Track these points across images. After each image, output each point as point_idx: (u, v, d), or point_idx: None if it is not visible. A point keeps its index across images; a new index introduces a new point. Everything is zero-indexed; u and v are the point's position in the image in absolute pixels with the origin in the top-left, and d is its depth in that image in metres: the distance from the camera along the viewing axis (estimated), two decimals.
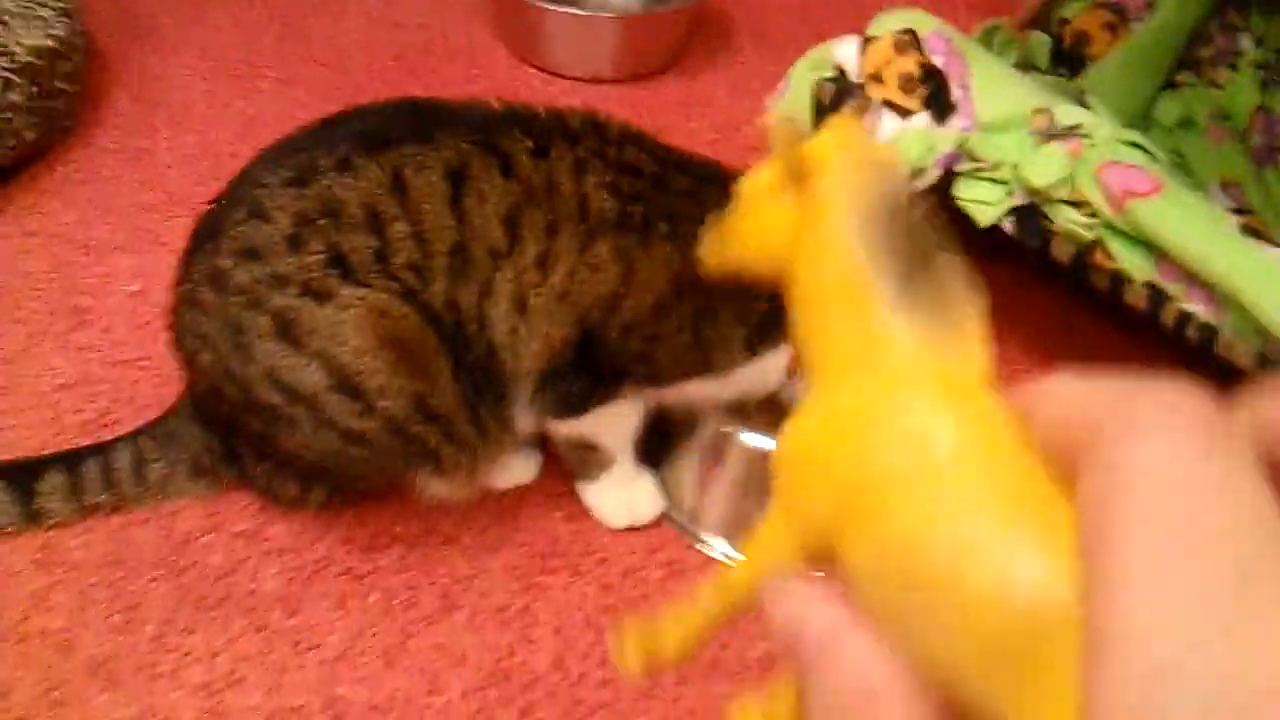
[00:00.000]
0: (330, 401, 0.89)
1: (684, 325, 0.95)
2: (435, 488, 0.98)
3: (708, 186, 0.97)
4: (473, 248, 0.90)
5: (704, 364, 0.96)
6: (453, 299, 0.90)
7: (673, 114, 1.58)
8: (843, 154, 0.37)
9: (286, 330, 0.88)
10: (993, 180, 1.12)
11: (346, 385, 0.88)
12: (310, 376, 0.88)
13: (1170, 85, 1.35)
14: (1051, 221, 1.09)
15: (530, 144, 0.93)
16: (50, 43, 1.37)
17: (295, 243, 0.89)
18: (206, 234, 0.93)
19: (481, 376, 0.93)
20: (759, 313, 0.97)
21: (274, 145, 0.95)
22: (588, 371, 0.95)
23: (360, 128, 0.94)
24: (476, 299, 0.90)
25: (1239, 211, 1.23)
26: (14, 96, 1.31)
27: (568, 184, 0.92)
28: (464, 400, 0.92)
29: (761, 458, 1.01)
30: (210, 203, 0.95)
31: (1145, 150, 1.10)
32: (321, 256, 0.88)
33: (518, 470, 1.06)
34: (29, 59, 1.34)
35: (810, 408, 0.34)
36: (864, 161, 0.37)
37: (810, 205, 0.38)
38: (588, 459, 1.02)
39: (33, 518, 0.98)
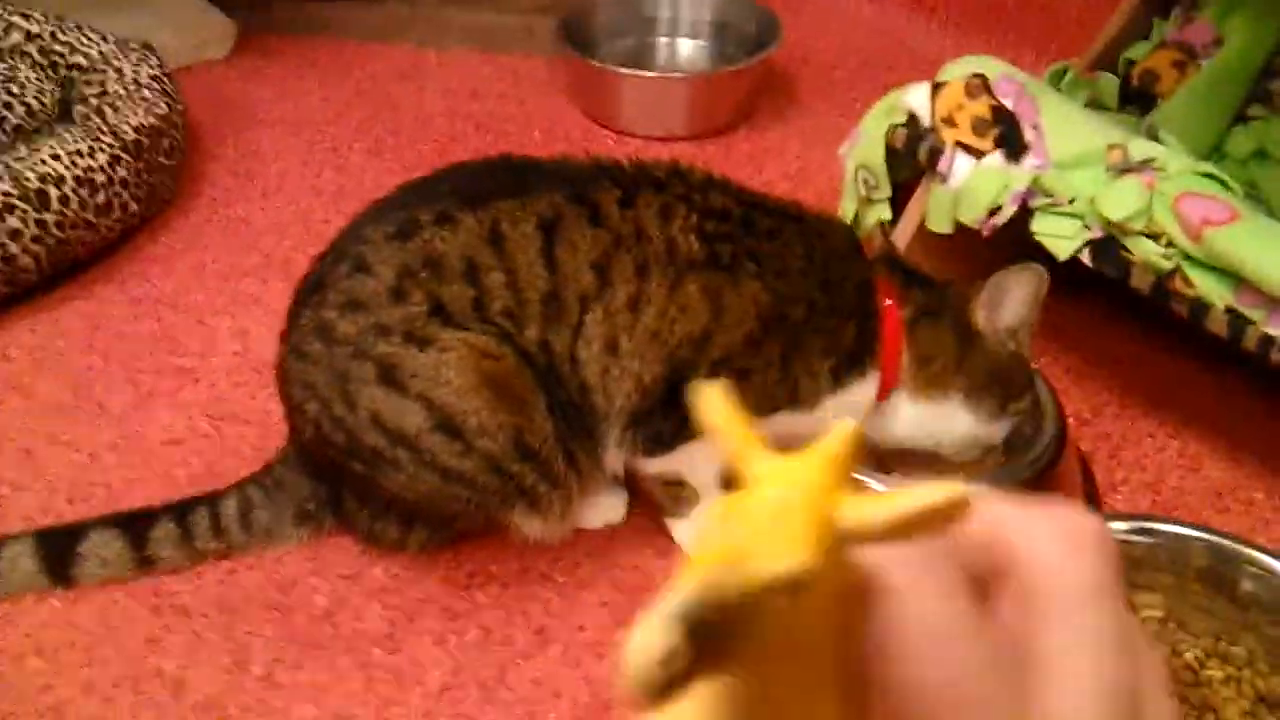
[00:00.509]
0: (432, 442, 0.92)
1: (772, 360, 0.97)
2: (530, 526, 1.01)
3: (791, 225, 1.00)
4: (564, 294, 0.93)
5: (792, 396, 0.98)
6: (546, 341, 0.93)
7: (745, 167, 1.62)
8: None
9: (390, 375, 0.92)
10: (1069, 215, 1.14)
11: (447, 425, 0.92)
12: (413, 419, 0.92)
13: (1241, 119, 1.36)
14: (1130, 252, 1.10)
15: (619, 193, 0.96)
16: (153, 120, 1.45)
17: (397, 294, 0.93)
18: (312, 288, 0.97)
19: (574, 415, 0.96)
20: (845, 344, 0.99)
21: (376, 202, 1.00)
22: (677, 410, 0.97)
23: (458, 184, 0.98)
24: (569, 342, 0.94)
25: None
26: (122, 173, 1.39)
27: (655, 229, 0.95)
28: (558, 438, 0.95)
29: None
30: (315, 259, 0.99)
31: (1220, 181, 1.11)
32: (423, 307, 0.92)
33: (608, 509, 1.08)
34: (135, 137, 1.41)
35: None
36: None
37: None
38: (676, 496, 1.04)
39: (145, 564, 1.02)
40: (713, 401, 0.33)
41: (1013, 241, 1.16)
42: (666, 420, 0.97)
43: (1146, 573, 0.90)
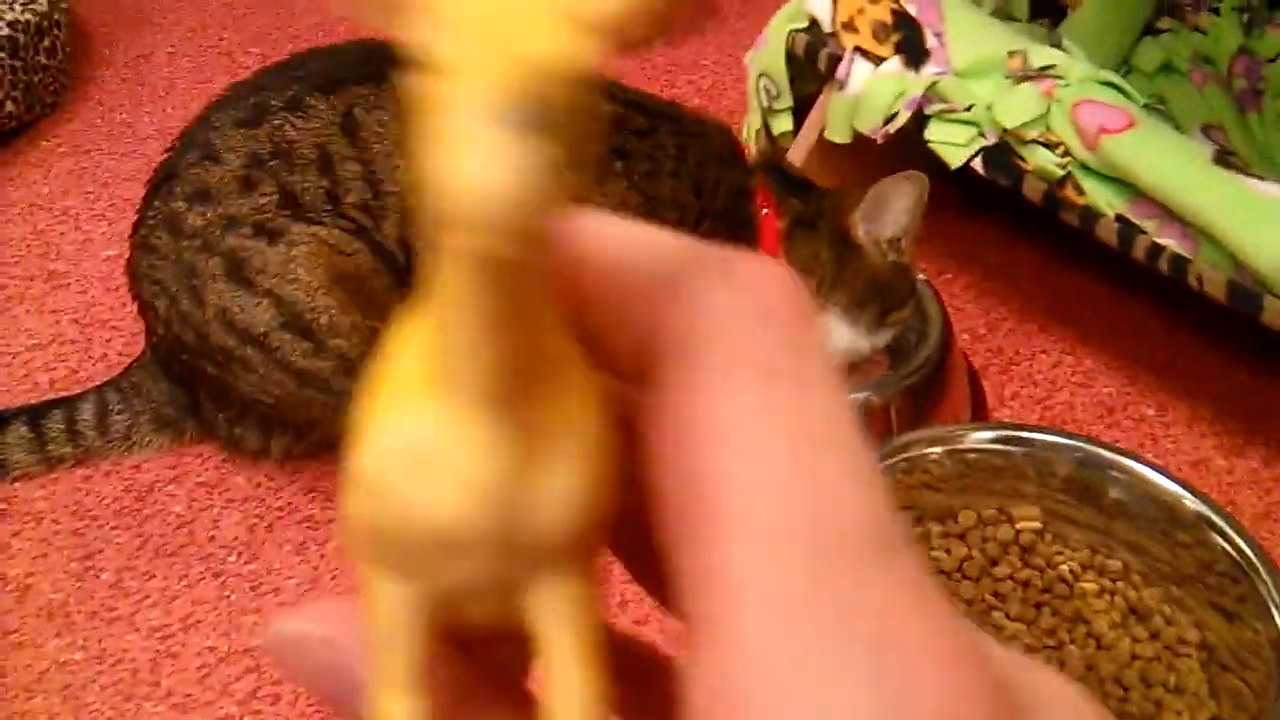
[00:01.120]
0: (281, 340, 0.89)
1: None
2: None
3: (665, 125, 0.97)
4: None
5: None
6: (404, 238, 0.90)
7: (657, 81, 1.58)
8: None
9: (238, 270, 0.88)
10: (964, 122, 1.11)
11: (297, 323, 0.88)
12: (261, 315, 0.88)
13: (1151, 31, 1.33)
14: (1024, 161, 1.07)
15: None
16: (30, 17, 1.38)
17: (246, 183, 0.89)
18: (162, 178, 0.93)
19: None
20: None
21: (230, 87, 0.95)
22: None
23: (315, 67, 0.94)
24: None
25: (1224, 152, 1.20)
26: None
27: None
28: None
29: None
30: (168, 149, 0.95)
31: (1119, 89, 1.09)
32: (273, 197, 0.88)
33: None
34: (9, 33, 1.35)
35: None
36: None
37: None
38: None
39: None
40: None
41: (910, 152, 1.13)
42: None
43: (1012, 481, 0.88)
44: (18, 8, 1.38)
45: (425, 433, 0.19)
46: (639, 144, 0.93)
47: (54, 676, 0.85)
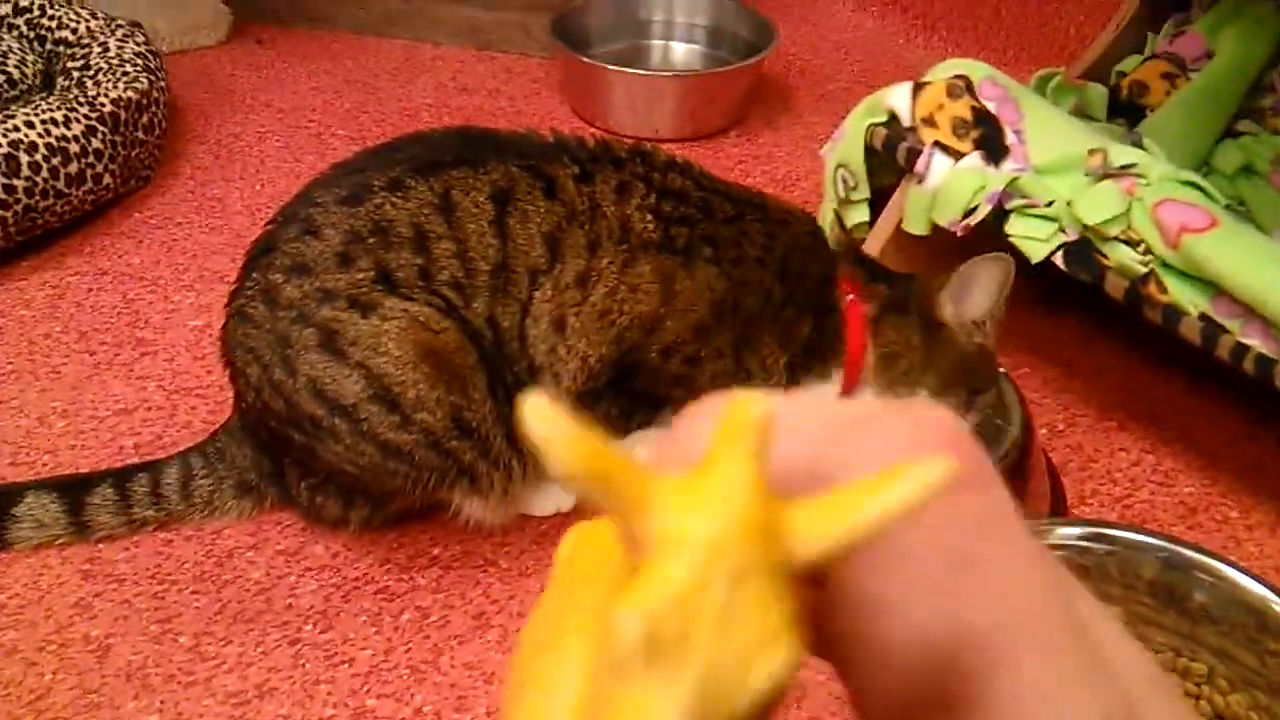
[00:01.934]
0: (369, 412, 0.90)
1: (724, 349, 0.94)
2: (471, 508, 0.98)
3: (752, 213, 0.98)
4: (514, 266, 0.91)
5: (745, 389, 0.95)
6: (493, 317, 0.91)
7: (731, 171, 1.60)
8: None
9: (330, 342, 0.90)
10: (1045, 217, 1.11)
11: (385, 396, 0.90)
12: (351, 387, 0.90)
13: (1230, 134, 1.34)
14: (1105, 257, 1.07)
15: (576, 169, 0.94)
16: (132, 94, 1.43)
17: (344, 259, 0.91)
18: (261, 250, 0.95)
19: (521, 395, 0.93)
20: (802, 338, 0.96)
21: (332, 167, 0.98)
22: (626, 395, 0.95)
23: (415, 151, 0.96)
24: (517, 318, 0.91)
25: None
26: (96, 144, 1.37)
27: (610, 206, 0.93)
28: (502, 417, 0.93)
29: None
30: (269, 222, 0.98)
31: (1201, 189, 1.09)
32: (369, 273, 0.90)
33: (558, 496, 1.06)
34: (112, 109, 1.40)
35: None
36: None
37: None
38: None
39: (82, 530, 1.00)
40: (552, 438, 0.21)
41: (989, 246, 1.14)
42: (615, 405, 0.95)
43: (1097, 582, 0.87)
44: (121, 85, 1.43)
45: None
46: (727, 231, 0.95)
47: None
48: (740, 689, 0.19)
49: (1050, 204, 1.11)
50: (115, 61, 1.48)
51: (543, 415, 0.21)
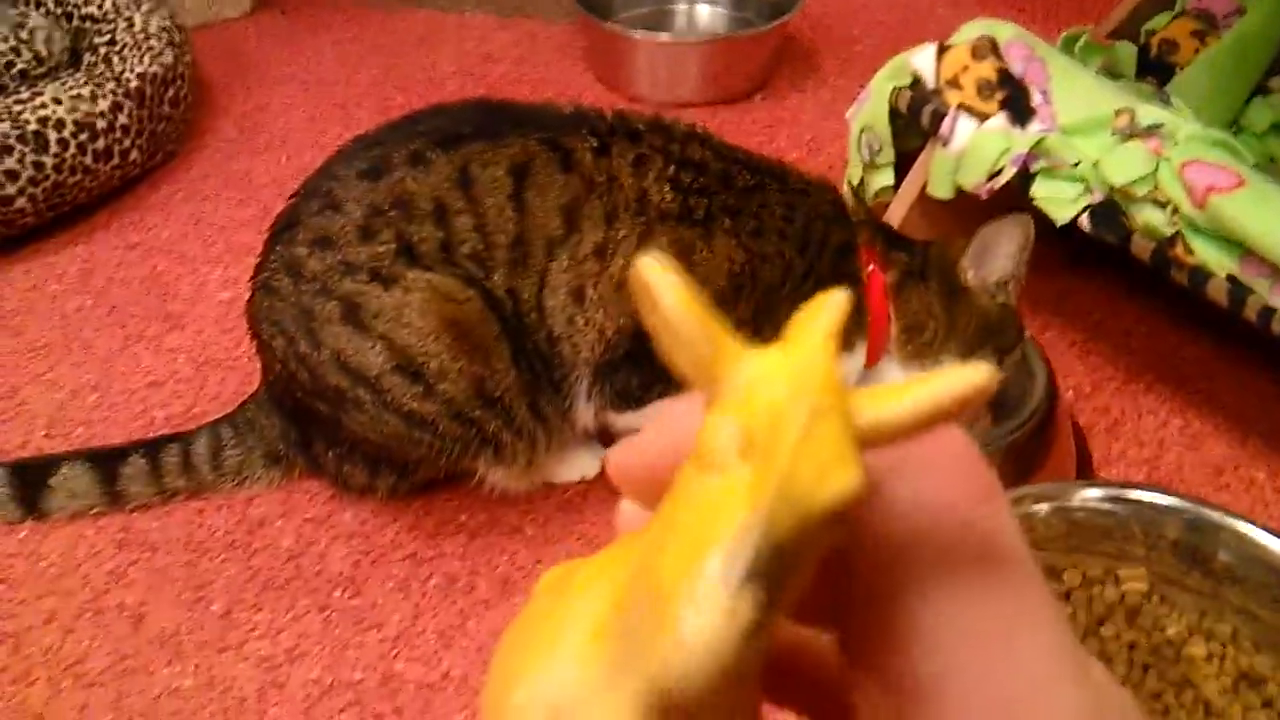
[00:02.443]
0: (392, 383, 0.91)
1: (744, 320, 0.94)
2: (496, 476, 0.99)
3: (771, 183, 0.98)
4: (532, 239, 0.91)
5: None
6: (513, 288, 0.92)
7: (757, 135, 1.59)
8: None
9: (353, 314, 0.91)
10: (1070, 179, 1.10)
11: (408, 367, 0.90)
12: (374, 358, 0.91)
13: (1261, 91, 1.32)
14: (1132, 219, 1.06)
15: (594, 142, 0.94)
16: (157, 69, 1.44)
17: (366, 232, 0.91)
18: (284, 224, 0.96)
19: (541, 365, 0.94)
20: None
21: (352, 140, 0.98)
22: (646, 365, 0.95)
23: (434, 124, 0.96)
24: (536, 289, 0.92)
25: None
26: (123, 119, 1.39)
27: (628, 177, 0.93)
28: (524, 388, 0.94)
29: None
30: (292, 196, 0.98)
31: (1229, 148, 1.07)
32: (391, 246, 0.91)
33: (582, 464, 1.06)
34: (138, 85, 1.41)
35: None
36: None
37: None
38: None
39: (115, 499, 1.02)
40: (664, 282, 0.23)
41: (1014, 209, 1.13)
42: (635, 374, 0.95)
43: (1120, 542, 0.87)
44: (146, 60, 1.44)
45: (574, 694, 0.21)
46: (747, 202, 0.95)
47: (165, 702, 0.88)
48: (814, 498, 0.20)
49: (1076, 165, 1.10)
50: (141, 37, 1.49)
51: (654, 265, 0.23)
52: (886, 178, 1.30)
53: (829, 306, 0.24)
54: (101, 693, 0.88)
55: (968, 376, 0.22)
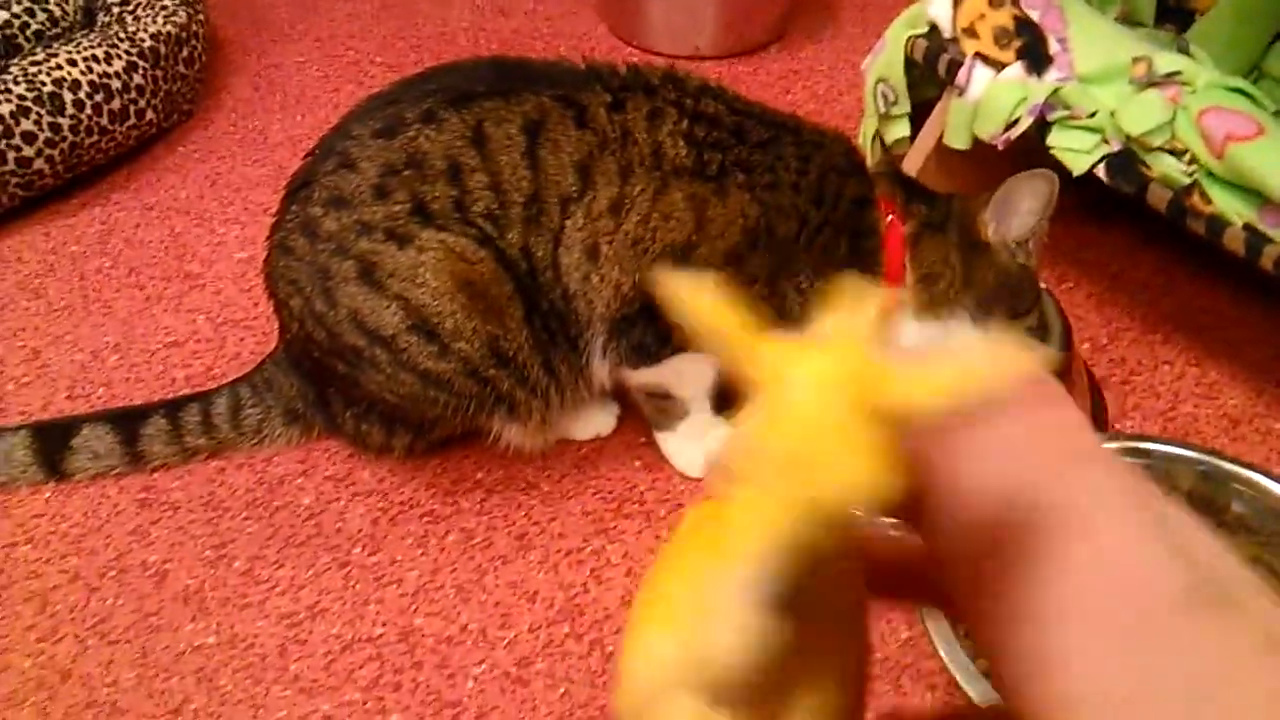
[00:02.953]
0: (408, 342, 0.91)
1: (759, 275, 0.94)
2: (511, 434, 1.00)
3: (786, 136, 0.97)
4: (546, 196, 0.91)
5: (781, 315, 0.95)
6: (527, 246, 0.92)
7: (772, 88, 1.58)
8: None
9: (369, 273, 0.91)
10: (1087, 129, 1.09)
11: (423, 326, 0.91)
12: (390, 318, 0.91)
13: None
14: (1149, 168, 1.05)
15: (608, 97, 0.94)
16: (171, 28, 1.44)
17: (380, 191, 0.92)
18: (300, 184, 0.97)
19: (557, 323, 0.95)
20: (838, 263, 0.96)
21: (367, 99, 0.98)
22: (660, 321, 0.95)
23: (447, 82, 0.96)
24: (550, 247, 0.92)
25: None
26: (138, 80, 1.39)
27: (642, 133, 0.92)
28: (538, 346, 0.94)
29: None
30: (307, 155, 0.99)
31: (1248, 95, 1.06)
32: (405, 205, 0.91)
33: (597, 421, 1.07)
34: (152, 44, 1.41)
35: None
36: None
37: None
38: (664, 409, 1.03)
39: (136, 460, 1.03)
40: (692, 291, 0.26)
41: (1031, 160, 1.12)
42: (649, 331, 0.95)
43: None
44: (160, 20, 1.44)
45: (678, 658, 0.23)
46: (760, 156, 0.94)
47: (189, 659, 0.89)
48: (842, 508, 0.23)
49: (1093, 114, 1.09)
50: None
51: (679, 281, 0.26)
52: (903, 128, 1.29)
53: (866, 304, 0.26)
54: (127, 649, 0.90)
55: (1013, 364, 0.23)
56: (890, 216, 0.98)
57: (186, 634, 0.91)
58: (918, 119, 1.28)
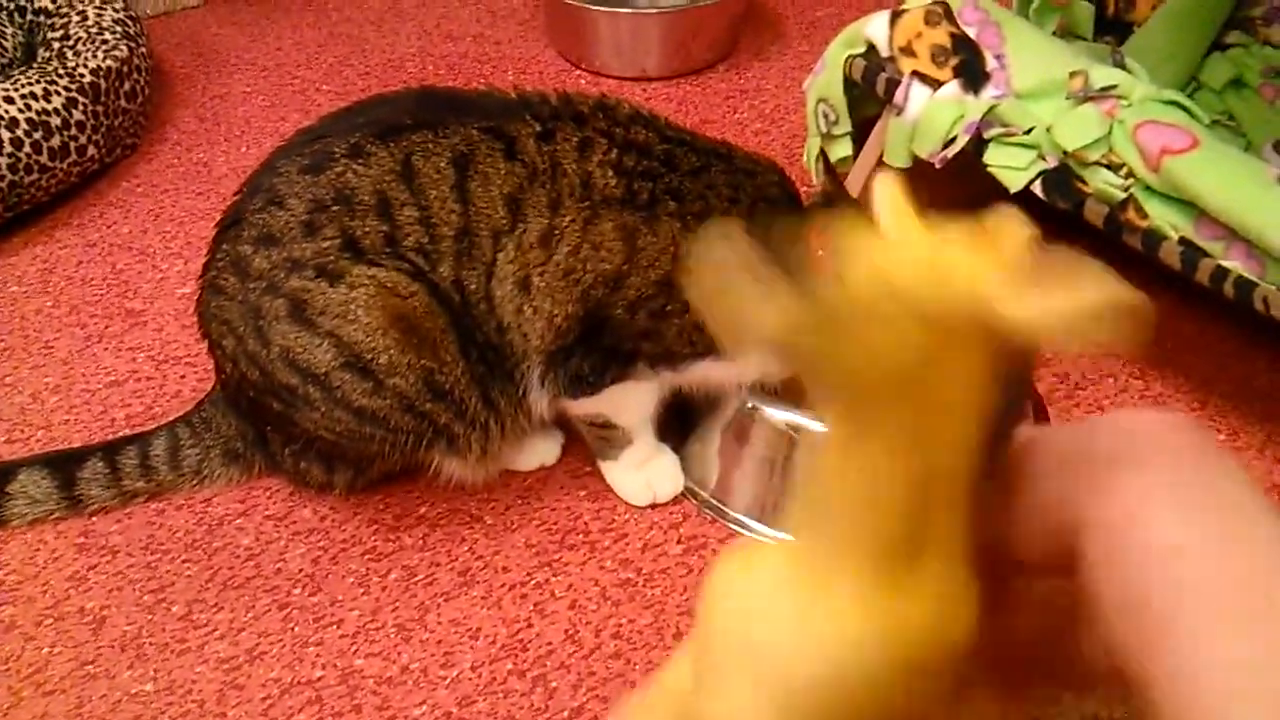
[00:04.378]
0: (342, 380, 0.91)
1: (690, 304, 0.94)
2: (453, 468, 0.99)
3: (717, 164, 0.97)
4: (477, 230, 0.91)
5: (713, 345, 0.95)
6: (459, 280, 0.91)
7: (719, 107, 1.58)
8: None
9: (300, 311, 0.90)
10: (1024, 145, 1.09)
11: (357, 363, 0.90)
12: (323, 355, 0.90)
13: (1220, 47, 1.30)
14: (1085, 184, 1.06)
15: (538, 127, 0.93)
16: (111, 63, 1.43)
17: (310, 228, 0.91)
18: (230, 222, 0.96)
19: (493, 356, 0.94)
20: None
21: (295, 133, 0.98)
22: (597, 350, 0.94)
23: (375, 115, 0.95)
24: (483, 280, 0.91)
25: None
26: (78, 116, 1.38)
27: (572, 164, 0.92)
28: (475, 379, 0.93)
29: (787, 434, 1.00)
30: (236, 192, 0.98)
31: (1183, 108, 1.06)
32: (335, 241, 0.90)
33: (541, 451, 1.07)
34: (92, 80, 1.40)
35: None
36: None
37: None
38: (606, 438, 1.02)
39: (75, 504, 1.02)
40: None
41: (971, 176, 1.12)
42: (586, 361, 0.94)
43: None
44: (100, 54, 1.43)
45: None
46: (692, 184, 0.94)
47: (127, 707, 0.88)
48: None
49: (1029, 131, 1.09)
50: (94, 30, 1.48)
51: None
52: (845, 148, 1.29)
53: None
54: (62, 700, 0.89)
55: (1123, 299, 0.27)
56: (821, 252, 0.98)
57: (124, 681, 0.90)
58: (862, 136, 1.28)
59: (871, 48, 1.22)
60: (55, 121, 1.35)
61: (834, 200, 1.04)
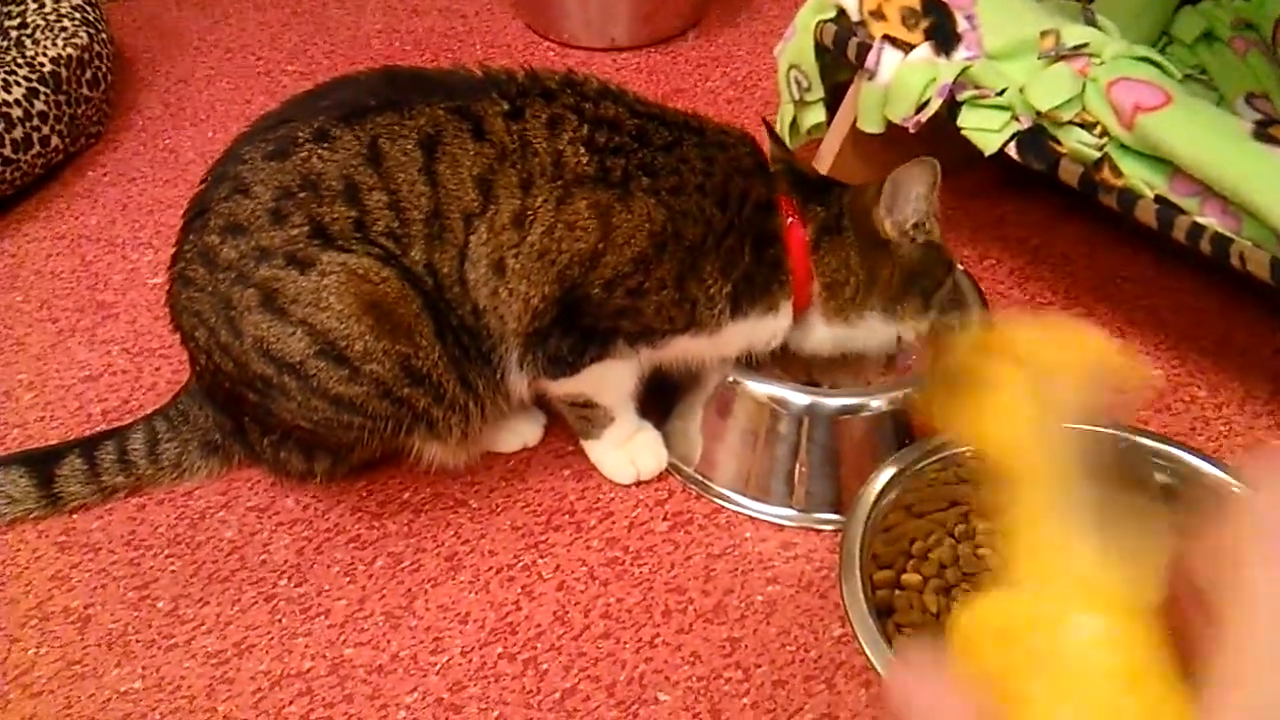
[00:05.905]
0: (317, 368, 0.90)
1: (667, 281, 0.93)
2: (434, 452, 0.98)
3: (689, 138, 0.96)
4: (448, 212, 0.90)
5: (690, 320, 0.94)
6: (431, 263, 0.90)
7: (691, 76, 1.57)
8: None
9: (271, 300, 0.89)
10: (997, 107, 1.09)
11: (331, 350, 0.89)
12: (296, 344, 0.89)
13: (1190, 1, 1.30)
14: (1059, 144, 1.05)
15: (505, 106, 0.92)
16: (71, 50, 1.41)
17: (277, 215, 0.89)
18: (196, 212, 0.94)
19: (469, 339, 0.93)
20: (743, 268, 0.94)
21: (258, 119, 0.96)
22: (575, 330, 0.94)
23: (339, 98, 0.94)
24: (456, 263, 0.90)
25: (1267, 122, 1.17)
26: (40, 106, 1.35)
27: (542, 142, 0.91)
28: (451, 362, 0.92)
29: (769, 406, 0.99)
30: (201, 181, 0.96)
31: (1155, 64, 1.06)
32: (303, 228, 0.89)
33: (523, 432, 1.06)
34: (52, 69, 1.38)
35: (995, 596, 0.39)
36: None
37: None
38: (588, 418, 1.02)
39: (54, 502, 1.01)
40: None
41: (946, 138, 1.12)
42: (564, 342, 0.94)
43: None
44: (60, 42, 1.41)
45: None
46: (664, 159, 0.93)
47: (116, 706, 0.88)
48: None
49: (1002, 92, 1.09)
50: (53, 18, 1.45)
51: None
52: (818, 115, 1.28)
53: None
54: (50, 700, 0.88)
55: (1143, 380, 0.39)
56: (791, 219, 0.97)
57: (112, 680, 0.89)
58: (836, 100, 1.27)
59: (842, 12, 1.21)
60: (16, 113, 1.33)
61: (792, 164, 1.03)
